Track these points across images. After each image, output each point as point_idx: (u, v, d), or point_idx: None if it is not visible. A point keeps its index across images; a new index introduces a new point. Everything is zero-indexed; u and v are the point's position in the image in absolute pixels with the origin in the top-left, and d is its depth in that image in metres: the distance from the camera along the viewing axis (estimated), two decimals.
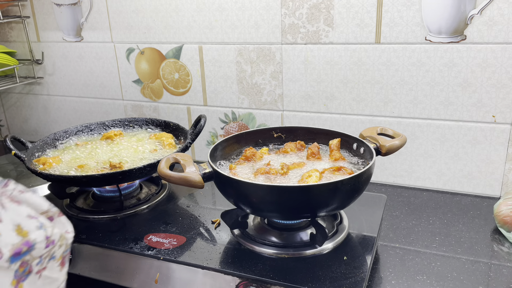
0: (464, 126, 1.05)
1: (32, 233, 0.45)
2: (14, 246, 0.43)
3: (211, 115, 1.31)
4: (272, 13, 1.14)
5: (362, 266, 0.75)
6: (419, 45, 1.03)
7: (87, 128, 1.20)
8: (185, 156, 0.83)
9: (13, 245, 0.43)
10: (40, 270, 0.48)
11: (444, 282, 0.77)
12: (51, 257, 0.49)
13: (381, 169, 1.16)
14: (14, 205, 0.46)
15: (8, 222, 0.44)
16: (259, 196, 0.76)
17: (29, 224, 0.46)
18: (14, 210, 0.45)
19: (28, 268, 0.46)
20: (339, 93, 1.14)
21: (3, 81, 1.49)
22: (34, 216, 0.47)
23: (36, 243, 0.45)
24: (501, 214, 0.91)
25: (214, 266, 0.77)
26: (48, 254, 0.48)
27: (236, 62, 1.22)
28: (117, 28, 1.34)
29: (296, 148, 0.95)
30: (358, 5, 1.05)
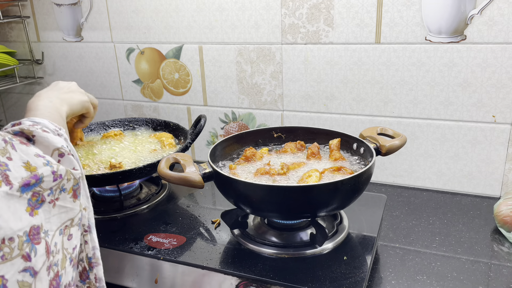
0: (464, 126, 1.05)
1: (40, 169, 0.49)
2: (23, 179, 0.46)
3: (211, 115, 1.31)
4: (272, 13, 1.14)
5: (362, 266, 0.75)
6: (419, 45, 1.03)
7: (87, 128, 1.20)
8: (185, 156, 0.83)
9: (23, 178, 0.47)
10: (53, 200, 0.51)
11: (444, 282, 0.77)
12: (61, 189, 0.52)
13: (381, 169, 1.16)
14: (23, 146, 0.50)
15: (17, 160, 0.47)
16: (259, 196, 0.76)
17: (37, 161, 0.49)
18: (23, 150, 0.49)
19: (41, 198, 0.49)
20: (339, 93, 1.14)
21: (3, 81, 1.49)
22: (41, 155, 0.51)
23: (43, 177, 0.49)
24: (501, 214, 0.91)
25: (214, 266, 0.77)
26: (58, 186, 0.52)
27: (236, 62, 1.22)
28: (117, 28, 1.34)
29: (296, 148, 0.95)
30: (358, 5, 1.05)
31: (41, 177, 0.49)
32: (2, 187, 0.44)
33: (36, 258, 0.47)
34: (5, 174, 0.45)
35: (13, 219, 0.44)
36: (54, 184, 0.51)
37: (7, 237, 0.43)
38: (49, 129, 0.58)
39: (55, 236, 0.51)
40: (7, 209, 0.44)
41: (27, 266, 0.45)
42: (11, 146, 0.48)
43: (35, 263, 0.46)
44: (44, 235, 0.49)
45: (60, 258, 0.51)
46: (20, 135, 0.54)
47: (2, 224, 0.43)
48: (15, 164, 0.47)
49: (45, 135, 0.55)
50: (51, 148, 0.54)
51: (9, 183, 0.45)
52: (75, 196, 0.55)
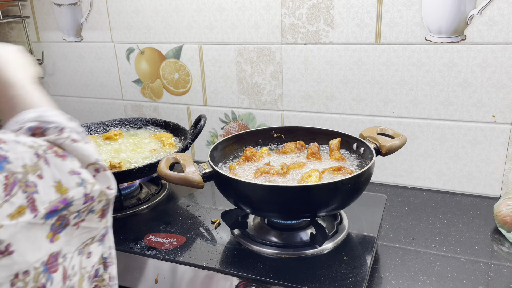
0: (464, 126, 1.05)
1: (71, 190, 0.45)
2: (51, 203, 0.43)
3: (211, 115, 1.31)
4: (272, 13, 1.14)
5: (362, 266, 0.75)
6: (419, 45, 1.03)
7: (87, 128, 1.20)
8: (185, 156, 0.83)
9: (50, 202, 0.43)
10: (78, 222, 0.47)
11: (444, 282, 0.77)
12: (89, 211, 0.48)
13: (381, 169, 1.16)
14: (58, 160, 0.45)
15: (49, 179, 0.43)
16: (259, 196, 0.76)
17: (70, 180, 0.45)
18: (57, 165, 0.45)
19: (65, 222, 0.45)
20: (339, 93, 1.14)
21: None
22: (76, 172, 0.46)
23: (73, 200, 0.45)
24: (501, 214, 0.91)
25: (214, 266, 0.77)
26: (87, 208, 0.48)
27: (236, 62, 1.22)
28: (117, 28, 1.34)
29: (296, 148, 0.95)
30: (358, 5, 1.05)
31: (70, 201, 0.45)
32: (26, 216, 0.40)
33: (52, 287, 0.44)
34: (31, 198, 0.41)
35: (31, 250, 0.41)
36: (83, 206, 0.47)
37: (21, 271, 0.40)
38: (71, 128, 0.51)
39: (73, 258, 0.48)
40: (25, 241, 0.40)
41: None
42: (45, 161, 0.44)
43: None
44: (62, 260, 0.46)
45: (77, 280, 0.49)
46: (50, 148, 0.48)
47: (17, 259, 0.39)
48: (46, 184, 0.43)
49: (75, 146, 0.49)
50: (85, 162, 0.49)
51: (34, 209, 0.41)
52: (103, 216, 0.51)
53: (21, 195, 0.40)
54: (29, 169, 0.41)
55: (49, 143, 0.46)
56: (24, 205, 0.40)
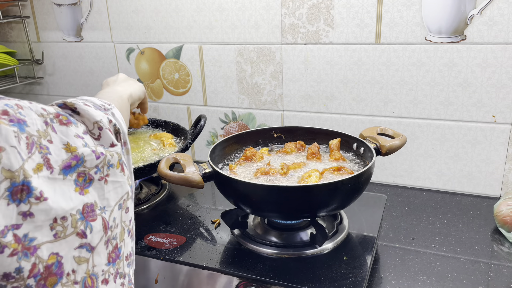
0: (464, 126, 1.05)
1: (80, 149, 0.48)
2: (64, 161, 0.46)
3: (211, 115, 1.31)
4: (272, 13, 1.14)
5: (362, 266, 0.75)
6: (419, 45, 1.03)
7: None
8: (185, 156, 0.83)
9: (63, 160, 0.46)
10: (103, 177, 0.51)
11: (444, 282, 0.77)
12: (108, 165, 0.51)
13: (381, 169, 1.16)
14: (63, 128, 0.49)
15: (58, 142, 0.47)
16: (259, 196, 0.76)
17: (77, 141, 0.49)
18: (63, 132, 0.48)
19: (88, 177, 0.48)
20: (339, 93, 1.14)
21: (3, 81, 1.49)
22: (80, 136, 0.50)
23: (84, 156, 0.48)
24: (501, 214, 0.91)
25: (214, 266, 0.77)
26: (104, 163, 0.51)
27: (236, 62, 1.22)
28: (117, 28, 1.34)
29: (296, 148, 0.95)
30: (358, 5, 1.05)
31: (82, 157, 0.48)
32: (44, 172, 0.43)
33: (92, 235, 0.47)
34: (46, 158, 0.44)
35: (63, 200, 0.44)
36: (99, 161, 0.50)
37: (59, 216, 0.43)
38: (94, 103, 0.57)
39: (113, 211, 0.51)
40: (53, 192, 0.44)
41: (83, 243, 0.46)
42: (52, 128, 0.47)
43: (91, 239, 0.47)
44: (100, 212, 0.49)
45: (118, 232, 0.52)
46: (64, 108, 0.54)
47: (52, 205, 0.43)
48: (56, 147, 0.46)
49: (86, 108, 0.54)
50: (91, 121, 0.54)
51: (50, 167, 0.44)
52: (123, 169, 0.55)
53: (38, 155, 0.43)
54: (41, 134, 0.45)
55: (56, 112, 0.50)
56: (41, 163, 0.43)
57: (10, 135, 0.41)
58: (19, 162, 0.41)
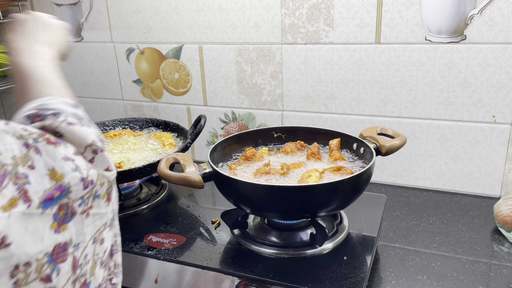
0: (464, 126, 1.05)
1: (67, 176, 0.42)
2: (45, 192, 0.40)
3: (211, 115, 1.31)
4: (272, 13, 1.14)
5: (362, 266, 0.75)
6: (419, 45, 1.03)
7: None
8: (185, 156, 0.83)
9: (45, 191, 0.40)
10: (86, 209, 0.45)
11: (444, 282, 0.77)
12: (94, 196, 0.46)
13: (381, 169, 1.16)
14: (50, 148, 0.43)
15: (41, 167, 0.41)
16: (259, 196, 0.76)
17: (64, 166, 0.42)
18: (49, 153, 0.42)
19: (70, 210, 0.43)
20: (339, 93, 1.14)
21: (3, 81, 1.49)
22: (70, 158, 0.44)
23: (70, 186, 0.42)
24: (501, 214, 0.91)
25: (214, 266, 0.77)
26: (90, 194, 0.45)
27: (236, 62, 1.22)
28: (117, 28, 1.34)
29: (296, 148, 0.95)
30: (358, 5, 1.05)
31: (67, 187, 0.42)
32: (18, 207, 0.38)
33: (58, 278, 0.41)
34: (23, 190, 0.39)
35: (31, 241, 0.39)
36: (85, 192, 0.44)
37: (21, 263, 0.38)
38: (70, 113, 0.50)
39: (87, 247, 0.45)
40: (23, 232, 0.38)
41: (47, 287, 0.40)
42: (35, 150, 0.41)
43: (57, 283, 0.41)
44: (73, 250, 0.43)
45: (89, 267, 0.46)
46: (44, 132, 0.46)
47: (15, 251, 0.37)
48: (38, 174, 0.40)
49: (71, 129, 0.47)
50: (82, 145, 0.47)
51: (27, 199, 0.39)
52: (109, 199, 0.49)
53: (12, 187, 0.38)
54: (18, 161, 0.39)
55: (41, 131, 0.44)
56: (15, 196, 0.38)
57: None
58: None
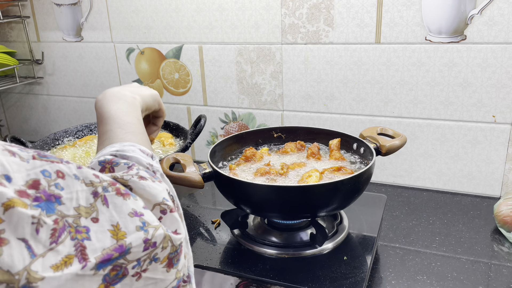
0: (464, 126, 1.05)
1: (130, 236, 0.39)
2: (104, 251, 0.37)
3: (211, 115, 1.31)
4: (272, 13, 1.14)
5: (362, 266, 0.75)
6: (419, 45, 1.03)
7: (87, 128, 1.20)
8: (185, 156, 0.83)
9: (104, 250, 0.37)
10: (139, 272, 0.40)
11: (444, 282, 0.77)
12: (152, 259, 0.41)
13: (381, 169, 1.16)
14: (119, 200, 0.40)
15: (104, 221, 0.38)
16: (259, 196, 0.76)
17: (129, 223, 0.39)
18: (116, 206, 0.39)
19: (122, 271, 0.38)
20: (339, 93, 1.14)
21: (3, 81, 1.49)
22: (138, 213, 0.41)
23: (131, 247, 0.38)
24: (501, 214, 0.91)
25: (214, 266, 0.77)
26: (148, 256, 0.40)
27: (236, 62, 1.22)
28: (117, 28, 1.34)
29: (296, 148, 0.95)
30: (358, 5, 1.05)
31: (127, 248, 0.38)
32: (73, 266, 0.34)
33: None
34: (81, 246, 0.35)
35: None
36: (144, 254, 0.40)
37: None
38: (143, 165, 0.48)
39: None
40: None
41: None
42: (103, 200, 0.39)
43: None
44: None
45: None
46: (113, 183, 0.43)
47: None
48: (100, 229, 0.37)
49: (142, 184, 0.44)
50: (151, 202, 0.44)
51: (84, 258, 0.35)
52: (170, 265, 0.43)
53: (69, 243, 0.35)
54: (82, 212, 0.37)
55: (112, 179, 0.42)
56: (71, 254, 0.35)
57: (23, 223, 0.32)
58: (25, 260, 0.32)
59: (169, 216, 0.45)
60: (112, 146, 0.51)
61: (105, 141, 0.54)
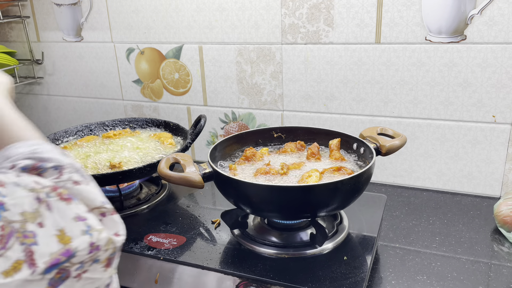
0: (464, 126, 1.05)
1: (76, 240, 0.39)
2: (52, 256, 0.37)
3: (211, 115, 1.31)
4: (272, 13, 1.14)
5: (362, 266, 0.75)
6: (419, 45, 1.03)
7: (87, 128, 1.20)
8: (185, 156, 0.83)
9: (51, 254, 0.37)
10: (80, 273, 0.41)
11: (444, 282, 0.77)
12: (93, 261, 0.42)
13: (381, 169, 1.16)
14: (62, 204, 0.40)
15: (50, 227, 0.38)
16: (259, 196, 0.76)
17: (74, 228, 0.39)
18: (60, 210, 0.39)
19: (66, 274, 0.39)
20: (339, 93, 1.14)
21: None
22: (81, 217, 0.41)
23: (77, 251, 0.39)
24: (501, 214, 0.91)
25: (214, 266, 0.77)
26: (91, 259, 0.41)
27: (236, 62, 1.22)
28: (117, 28, 1.34)
29: (296, 148, 0.95)
30: (358, 5, 1.05)
31: (74, 252, 0.39)
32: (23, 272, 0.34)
33: None
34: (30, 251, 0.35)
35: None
36: (87, 257, 0.41)
37: None
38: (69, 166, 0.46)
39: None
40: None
41: None
42: (46, 206, 0.38)
43: None
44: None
45: None
46: None
47: None
48: (47, 233, 0.37)
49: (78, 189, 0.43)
50: (90, 206, 0.43)
51: (33, 264, 0.35)
52: (108, 265, 0.44)
53: (18, 248, 0.35)
54: (28, 217, 0.37)
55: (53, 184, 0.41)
56: (21, 259, 0.35)
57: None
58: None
59: (109, 218, 0.45)
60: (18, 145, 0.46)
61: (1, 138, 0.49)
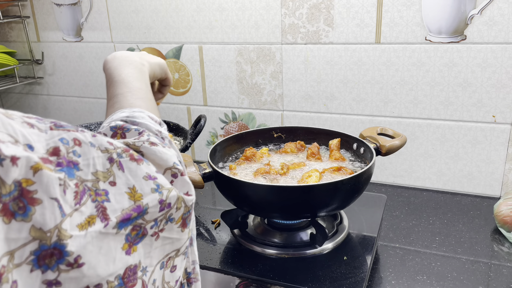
0: (464, 126, 1.05)
1: (146, 197, 0.41)
2: (123, 211, 0.39)
3: (211, 115, 1.31)
4: (272, 13, 1.14)
5: (362, 266, 0.75)
6: (419, 45, 1.03)
7: (87, 128, 1.20)
8: (185, 156, 0.83)
9: (123, 210, 0.39)
10: (157, 232, 0.43)
11: (444, 282, 0.77)
12: (168, 219, 0.44)
13: (381, 169, 1.16)
14: (133, 164, 0.42)
15: (121, 185, 0.40)
16: (259, 196, 0.76)
17: (144, 186, 0.41)
18: (131, 170, 0.41)
19: (142, 231, 0.41)
20: (339, 93, 1.14)
21: (3, 81, 1.49)
22: (152, 176, 0.43)
23: (148, 208, 0.41)
24: (501, 214, 0.91)
25: (214, 266, 0.77)
26: (164, 217, 0.43)
27: (236, 62, 1.22)
28: (117, 28, 1.34)
29: (296, 148, 0.95)
30: (358, 5, 1.05)
31: (145, 209, 0.41)
32: (96, 225, 0.36)
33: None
34: (102, 207, 0.38)
35: (103, 263, 0.37)
36: (160, 214, 0.42)
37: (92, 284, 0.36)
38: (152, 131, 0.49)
39: (154, 272, 0.43)
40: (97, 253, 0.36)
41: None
42: (118, 165, 0.40)
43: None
44: (141, 274, 0.41)
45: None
46: None
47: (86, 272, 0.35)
48: (118, 191, 0.39)
49: (153, 150, 0.46)
50: (162, 167, 0.46)
51: (105, 218, 0.37)
52: (184, 225, 0.46)
53: (90, 204, 0.37)
54: (100, 176, 0.39)
55: (125, 146, 0.43)
56: (93, 214, 0.37)
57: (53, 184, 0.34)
58: (56, 219, 0.34)
59: (180, 179, 0.47)
60: (122, 111, 0.52)
61: (115, 104, 0.55)
